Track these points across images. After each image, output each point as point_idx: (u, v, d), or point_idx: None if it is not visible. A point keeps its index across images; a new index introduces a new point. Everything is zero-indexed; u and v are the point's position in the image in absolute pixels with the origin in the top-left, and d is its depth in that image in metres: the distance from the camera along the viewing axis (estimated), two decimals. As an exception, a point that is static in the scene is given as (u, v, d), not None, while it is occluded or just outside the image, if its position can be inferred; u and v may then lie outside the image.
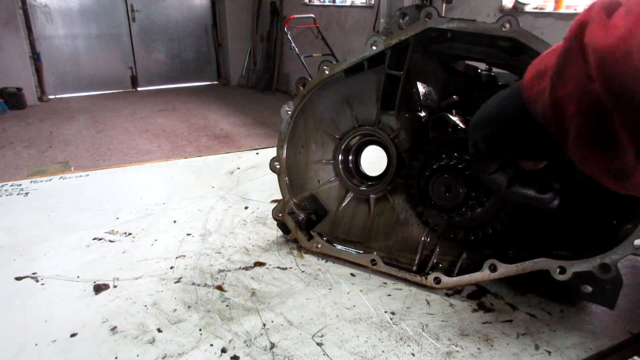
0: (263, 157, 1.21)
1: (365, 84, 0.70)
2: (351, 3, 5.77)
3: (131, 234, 0.82)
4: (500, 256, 0.61)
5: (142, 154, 4.49)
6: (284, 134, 0.77)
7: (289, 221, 0.77)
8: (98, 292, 0.65)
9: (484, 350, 0.55)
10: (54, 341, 0.56)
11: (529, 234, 0.61)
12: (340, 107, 0.73)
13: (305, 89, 0.73)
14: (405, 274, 0.68)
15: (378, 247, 0.72)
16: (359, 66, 0.69)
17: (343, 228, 0.75)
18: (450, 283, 0.64)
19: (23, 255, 0.75)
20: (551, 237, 0.59)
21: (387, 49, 0.66)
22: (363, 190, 0.73)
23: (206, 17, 7.79)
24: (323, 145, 0.76)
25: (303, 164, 0.78)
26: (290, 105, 0.75)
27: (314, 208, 0.78)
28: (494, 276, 0.60)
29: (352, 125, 0.73)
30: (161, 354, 0.54)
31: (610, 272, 0.53)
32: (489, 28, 0.58)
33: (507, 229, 0.61)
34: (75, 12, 6.75)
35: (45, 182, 1.04)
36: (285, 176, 0.77)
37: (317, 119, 0.75)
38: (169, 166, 1.16)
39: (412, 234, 0.69)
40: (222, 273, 0.70)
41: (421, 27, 0.62)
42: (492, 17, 3.78)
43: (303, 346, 0.55)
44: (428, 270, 0.66)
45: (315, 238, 0.75)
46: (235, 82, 7.87)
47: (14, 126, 5.35)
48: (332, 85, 0.73)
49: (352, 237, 0.74)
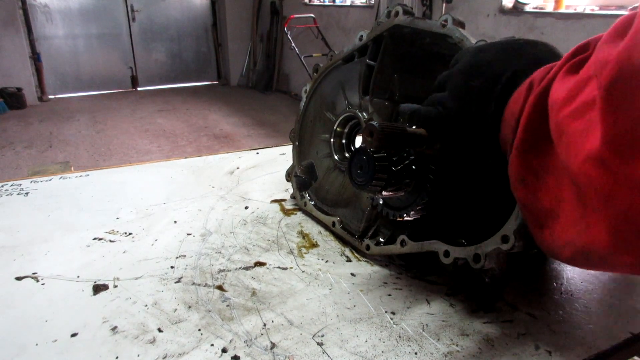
0: (263, 157, 1.21)
1: (354, 72, 0.79)
2: (351, 3, 5.77)
3: (131, 234, 0.82)
4: (413, 236, 0.67)
5: (142, 154, 4.49)
6: (301, 110, 0.92)
7: (293, 182, 0.94)
8: (97, 292, 0.65)
9: (484, 350, 0.55)
10: (55, 341, 0.56)
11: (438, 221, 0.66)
12: (337, 90, 0.84)
13: (317, 74, 0.88)
14: (350, 237, 0.78)
15: (340, 213, 0.83)
16: (352, 56, 0.80)
17: (323, 193, 0.88)
18: (375, 251, 0.73)
19: (23, 255, 0.75)
20: (457, 225, 0.64)
21: (369, 42, 0.75)
22: (342, 164, 0.85)
23: (206, 17, 7.78)
24: (325, 123, 0.88)
25: (309, 136, 0.93)
26: (307, 87, 0.91)
27: (311, 174, 0.92)
28: (404, 250, 0.67)
29: (345, 107, 0.83)
30: (162, 354, 0.54)
31: (479, 262, 0.55)
32: (433, 26, 0.64)
33: (424, 216, 0.66)
34: (75, 12, 6.75)
35: (45, 182, 1.04)
36: (297, 144, 0.94)
37: (323, 100, 0.89)
38: (169, 166, 1.16)
39: (362, 204, 0.78)
40: (222, 273, 0.70)
41: (389, 23, 0.71)
42: (492, 17, 3.78)
43: (303, 346, 0.55)
44: (365, 238, 0.75)
45: (305, 198, 0.90)
46: (235, 82, 7.87)
47: (14, 126, 5.35)
48: (334, 71, 0.85)
49: (327, 202, 0.87)
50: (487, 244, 0.55)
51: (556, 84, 0.40)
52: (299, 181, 0.93)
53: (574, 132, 0.36)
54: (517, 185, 0.45)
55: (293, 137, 0.95)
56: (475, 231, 0.57)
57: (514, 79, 0.48)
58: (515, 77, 0.48)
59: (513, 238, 0.51)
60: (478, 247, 0.56)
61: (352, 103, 0.81)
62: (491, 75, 0.50)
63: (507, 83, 0.48)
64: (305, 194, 0.90)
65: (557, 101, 0.39)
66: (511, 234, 0.51)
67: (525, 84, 0.45)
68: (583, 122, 0.35)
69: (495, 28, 3.74)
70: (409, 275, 0.70)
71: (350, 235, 0.78)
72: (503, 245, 0.52)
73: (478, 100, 0.51)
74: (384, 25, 0.72)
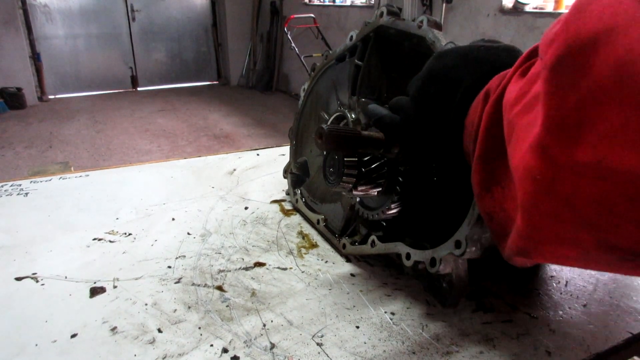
0: (263, 158, 1.21)
1: (345, 72, 0.79)
2: (351, 3, 5.77)
3: (131, 234, 0.82)
4: (384, 238, 0.67)
5: (142, 154, 4.49)
6: (299, 108, 0.93)
7: (288, 179, 0.96)
8: (93, 295, 0.65)
9: (484, 351, 0.55)
10: (54, 341, 0.56)
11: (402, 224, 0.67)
12: (331, 90, 0.84)
13: (314, 72, 0.89)
14: (331, 236, 0.79)
15: (325, 211, 0.84)
16: (344, 55, 0.80)
17: (312, 192, 0.89)
18: (349, 250, 0.74)
19: (23, 255, 0.75)
20: (422, 228, 0.64)
21: (358, 42, 0.75)
22: None
23: (206, 17, 7.78)
24: (319, 121, 0.88)
25: (305, 135, 0.93)
26: (306, 85, 0.91)
27: (304, 172, 0.93)
28: (373, 251, 0.68)
29: (336, 106, 0.83)
30: (161, 355, 0.54)
31: (434, 266, 0.55)
32: (410, 27, 0.64)
33: (395, 217, 0.66)
34: (75, 12, 6.75)
35: (45, 182, 1.04)
36: (293, 142, 0.95)
37: (318, 99, 0.89)
38: (169, 166, 1.16)
39: (342, 204, 0.79)
40: (222, 273, 0.70)
41: (375, 24, 0.71)
42: (492, 17, 3.78)
43: (303, 346, 0.55)
44: (344, 237, 0.76)
45: (297, 195, 0.91)
46: (235, 82, 7.87)
47: (14, 126, 5.35)
48: (328, 70, 0.85)
49: (316, 200, 0.88)
50: (441, 249, 0.54)
51: (509, 86, 0.39)
52: (293, 178, 0.94)
53: (521, 127, 0.34)
54: (483, 195, 0.43)
55: (291, 135, 0.96)
56: (439, 235, 0.56)
57: (474, 86, 0.46)
58: (475, 84, 0.46)
59: (465, 244, 0.50)
60: (434, 251, 0.55)
61: (342, 102, 0.81)
62: (449, 81, 0.48)
63: (467, 91, 0.47)
64: (298, 192, 0.92)
65: (509, 101, 0.37)
66: (463, 240, 0.50)
67: (482, 93, 0.44)
68: (531, 115, 0.33)
69: (495, 28, 3.74)
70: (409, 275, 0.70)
71: (331, 234, 0.79)
72: (455, 251, 0.51)
73: (435, 106, 0.49)
74: (370, 25, 0.72)
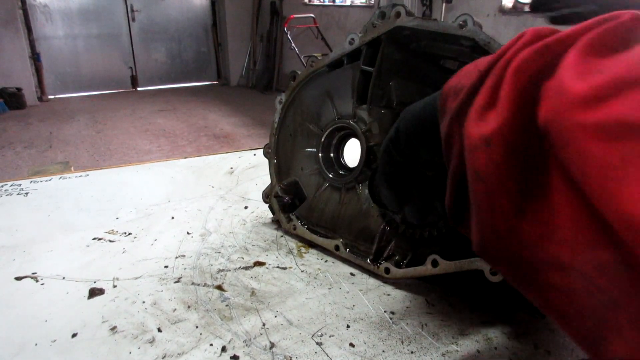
0: (263, 157, 1.21)
1: (344, 79, 0.73)
2: (351, 3, 5.78)
3: (131, 234, 0.82)
4: (445, 253, 0.61)
5: (142, 154, 4.49)
6: (276, 123, 0.83)
7: (274, 203, 0.83)
8: (92, 296, 0.65)
9: (483, 350, 0.55)
10: (54, 341, 0.56)
11: None
12: (323, 100, 0.77)
13: (295, 82, 0.78)
14: (362, 261, 0.71)
15: (343, 234, 0.76)
16: (340, 61, 0.72)
17: (317, 214, 0.79)
18: (398, 274, 0.66)
19: (23, 255, 0.75)
20: None
21: (362, 46, 0.68)
22: (336, 180, 0.77)
23: (206, 17, 7.79)
24: (308, 135, 0.80)
25: (290, 151, 0.83)
26: (282, 97, 0.81)
27: (296, 193, 0.82)
28: (435, 271, 0.61)
29: (333, 117, 0.76)
30: (161, 354, 0.54)
31: None
32: (448, 27, 0.58)
33: (450, 232, 0.62)
34: (75, 12, 6.75)
35: (45, 182, 1.04)
36: (274, 162, 0.84)
37: (304, 111, 0.80)
38: (169, 166, 1.16)
39: (372, 224, 0.72)
40: (221, 273, 0.70)
41: (390, 25, 0.64)
42: (492, 17, 3.78)
43: (303, 346, 0.55)
44: (381, 260, 0.69)
45: (293, 221, 0.80)
46: (235, 82, 7.87)
47: (14, 126, 5.35)
48: (317, 79, 0.77)
49: (323, 222, 0.79)
50: None
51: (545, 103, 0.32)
52: (281, 203, 0.82)
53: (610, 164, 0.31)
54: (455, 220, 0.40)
55: (269, 154, 0.85)
56: None
57: None
58: None
59: None
60: None
61: (342, 113, 0.75)
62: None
63: None
64: (293, 217, 0.81)
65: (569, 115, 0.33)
66: None
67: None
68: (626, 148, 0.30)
69: (495, 28, 3.75)
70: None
71: (361, 259, 0.71)
72: None
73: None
74: (381, 27, 0.65)
